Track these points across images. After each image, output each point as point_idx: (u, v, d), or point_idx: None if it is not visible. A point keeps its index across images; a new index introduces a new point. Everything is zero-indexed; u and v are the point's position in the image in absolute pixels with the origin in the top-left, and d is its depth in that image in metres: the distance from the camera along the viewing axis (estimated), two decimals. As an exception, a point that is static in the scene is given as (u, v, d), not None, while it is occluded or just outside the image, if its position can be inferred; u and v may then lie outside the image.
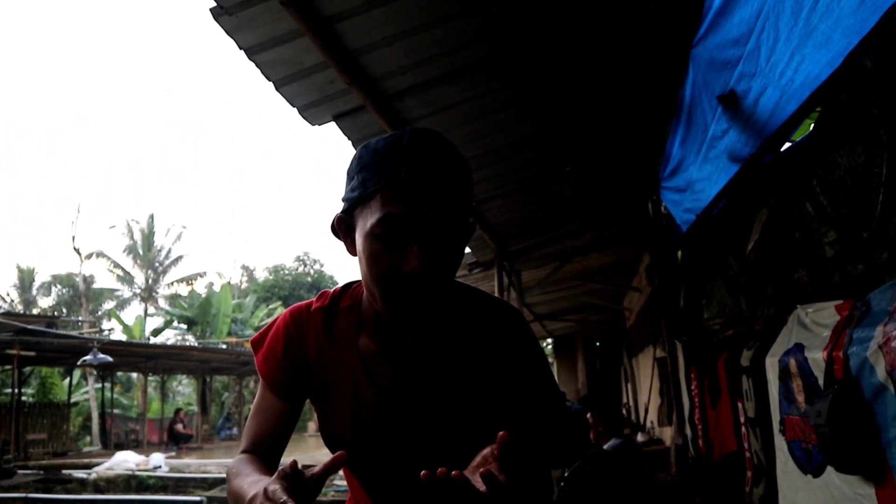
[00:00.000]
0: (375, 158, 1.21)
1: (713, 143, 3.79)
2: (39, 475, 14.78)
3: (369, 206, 1.20)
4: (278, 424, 1.41)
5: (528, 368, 1.38)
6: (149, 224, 38.55)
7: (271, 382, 1.41)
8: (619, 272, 11.72)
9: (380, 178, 1.18)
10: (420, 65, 3.89)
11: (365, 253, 1.21)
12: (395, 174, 1.17)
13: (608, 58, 4.34)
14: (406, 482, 1.35)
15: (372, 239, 1.19)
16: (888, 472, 2.05)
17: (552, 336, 20.52)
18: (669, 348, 6.69)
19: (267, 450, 1.39)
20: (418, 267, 1.16)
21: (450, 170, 1.21)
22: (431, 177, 1.18)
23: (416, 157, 1.18)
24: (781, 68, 2.76)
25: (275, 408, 1.41)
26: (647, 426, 11.97)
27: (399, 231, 1.17)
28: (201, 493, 12.83)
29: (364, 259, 1.22)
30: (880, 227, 2.34)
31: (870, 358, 2.09)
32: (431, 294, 1.21)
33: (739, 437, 4.11)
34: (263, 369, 1.42)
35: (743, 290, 4.17)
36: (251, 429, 1.42)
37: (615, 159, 6.20)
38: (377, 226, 1.18)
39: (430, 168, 1.18)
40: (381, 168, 1.19)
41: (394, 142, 1.21)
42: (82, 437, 24.89)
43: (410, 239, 1.17)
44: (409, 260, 1.16)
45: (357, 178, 1.24)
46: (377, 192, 1.18)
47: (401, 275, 1.18)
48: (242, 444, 1.42)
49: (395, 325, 1.31)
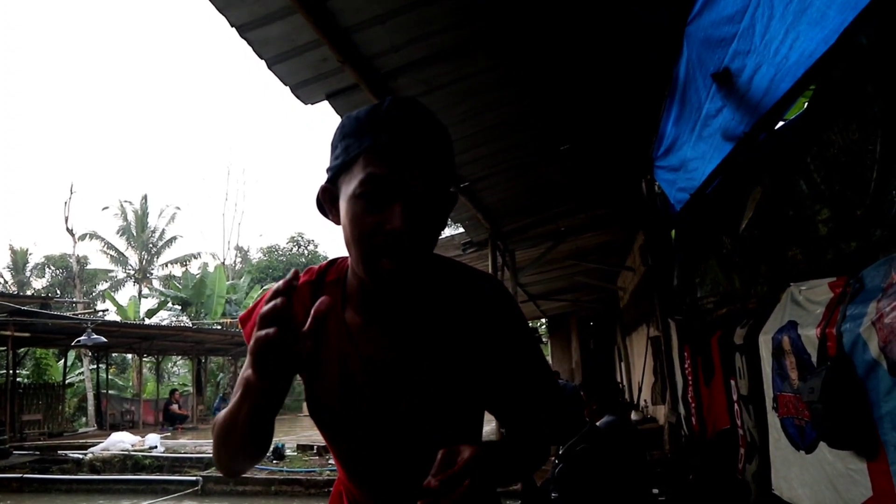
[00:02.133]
0: (357, 124, 1.22)
1: (707, 121, 3.79)
2: (35, 456, 14.82)
3: (352, 171, 1.20)
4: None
5: (513, 339, 1.38)
6: (142, 205, 38.44)
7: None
8: (613, 252, 11.74)
9: (361, 142, 1.19)
10: (413, 43, 3.86)
11: (348, 216, 1.21)
12: (377, 136, 1.18)
13: (602, 37, 4.32)
14: (392, 455, 1.36)
15: (354, 200, 1.19)
16: (880, 447, 2.06)
17: (546, 316, 20.58)
18: (663, 327, 6.71)
19: None
20: (401, 226, 1.15)
21: (431, 134, 1.21)
22: (412, 139, 1.18)
23: (397, 120, 1.19)
24: (776, 45, 2.75)
25: None
26: (641, 405, 12.04)
27: (382, 191, 1.17)
28: (197, 472, 12.90)
29: (347, 222, 1.21)
30: (874, 204, 2.34)
31: (863, 334, 2.10)
32: (413, 257, 1.20)
33: (733, 415, 4.13)
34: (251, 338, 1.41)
35: (737, 269, 4.18)
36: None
37: (609, 139, 6.19)
38: (359, 186, 1.18)
39: (410, 130, 1.19)
40: (363, 132, 1.20)
41: (374, 108, 1.23)
42: (78, 417, 24.92)
43: (394, 198, 1.17)
44: (392, 219, 1.15)
45: (340, 146, 1.24)
46: (359, 155, 1.19)
47: (383, 234, 1.17)
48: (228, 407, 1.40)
49: (378, 292, 1.30)
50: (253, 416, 1.14)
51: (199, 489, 12.36)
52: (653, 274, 6.78)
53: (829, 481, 2.51)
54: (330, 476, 10.78)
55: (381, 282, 1.21)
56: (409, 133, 1.18)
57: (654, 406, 10.87)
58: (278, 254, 44.31)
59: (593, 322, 19.57)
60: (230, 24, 3.33)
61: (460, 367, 1.33)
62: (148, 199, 39.21)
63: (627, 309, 13.50)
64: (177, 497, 12.13)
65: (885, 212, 2.27)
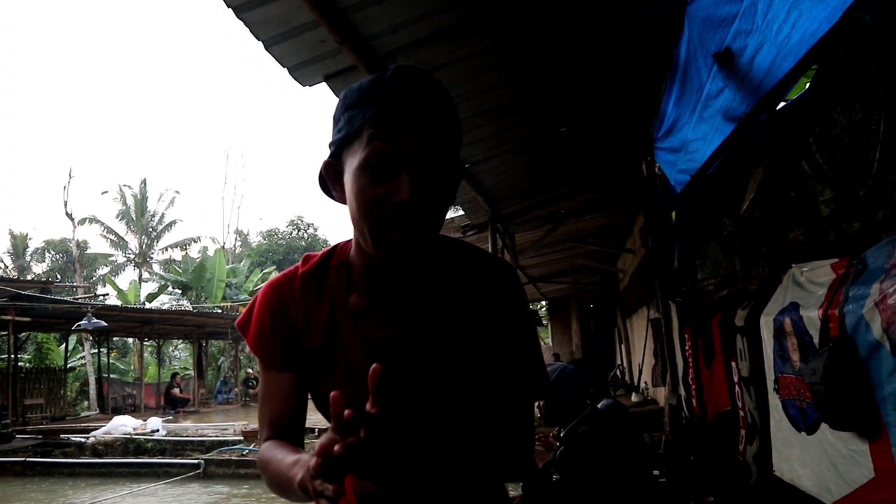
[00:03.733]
0: (360, 95, 1.18)
1: (708, 102, 3.76)
2: (38, 439, 14.91)
3: (357, 143, 1.17)
4: (291, 401, 1.37)
5: (514, 326, 1.35)
6: (141, 189, 38.45)
7: (269, 358, 1.37)
8: (613, 234, 11.73)
9: (365, 112, 1.15)
10: (412, 23, 3.82)
11: (353, 189, 1.17)
12: (381, 104, 1.14)
13: (602, 16, 4.28)
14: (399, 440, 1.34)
15: (360, 172, 1.15)
16: (882, 428, 2.06)
17: (546, 298, 20.60)
18: (663, 309, 6.71)
19: (288, 430, 1.35)
20: (408, 197, 1.11)
21: (437, 100, 1.17)
22: (418, 105, 1.15)
23: (402, 87, 1.15)
24: (778, 24, 2.72)
25: (281, 384, 1.36)
26: (642, 387, 12.08)
27: (388, 161, 1.13)
28: (198, 455, 12.96)
29: (353, 196, 1.18)
30: (877, 184, 2.33)
31: (866, 315, 2.09)
32: (421, 229, 1.17)
33: (733, 397, 4.13)
34: (257, 348, 1.38)
35: (737, 250, 4.17)
36: (266, 415, 1.37)
37: (609, 120, 6.16)
38: (364, 158, 1.14)
39: (416, 97, 1.15)
40: (367, 102, 1.16)
41: (377, 77, 1.18)
42: (80, 401, 25.03)
43: (400, 168, 1.13)
44: (399, 190, 1.12)
45: (343, 118, 1.20)
46: (363, 125, 1.15)
47: (390, 206, 1.13)
48: (262, 434, 1.37)
49: (384, 267, 1.27)
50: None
51: (200, 472, 12.43)
52: (653, 256, 6.76)
53: (830, 462, 2.51)
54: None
55: (389, 254, 1.18)
56: (414, 100, 1.15)
57: (655, 388, 10.90)
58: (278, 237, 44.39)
59: (593, 304, 19.59)
60: (227, 4, 3.29)
61: (466, 351, 1.30)
62: (147, 182, 39.33)
63: (628, 291, 13.50)
64: (179, 480, 12.18)
65: (888, 192, 2.26)
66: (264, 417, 1.38)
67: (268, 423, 1.36)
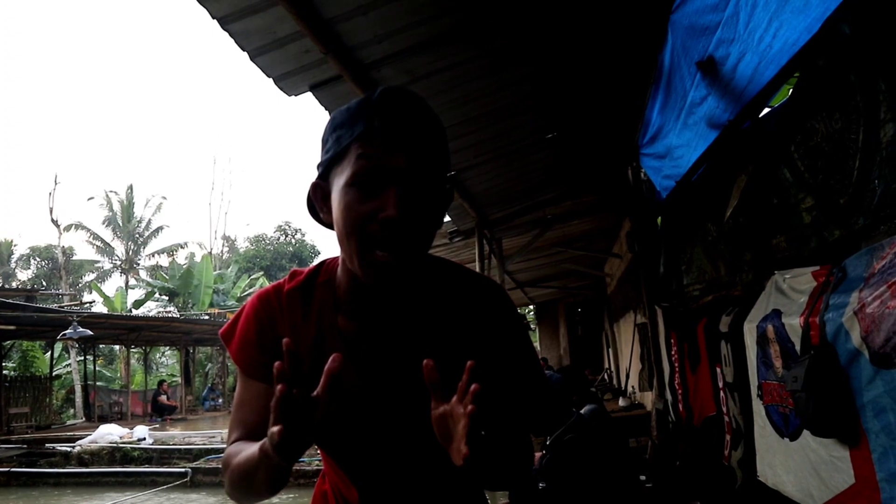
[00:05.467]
0: (348, 115, 1.19)
1: (692, 109, 3.79)
2: (23, 449, 14.76)
3: (345, 161, 1.17)
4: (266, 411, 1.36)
5: (511, 344, 1.35)
6: (128, 195, 38.18)
7: (250, 369, 1.35)
8: (600, 239, 11.77)
9: (353, 130, 1.16)
10: (396, 33, 3.83)
11: (340, 206, 1.16)
12: (370, 122, 1.14)
13: (586, 24, 4.30)
14: (387, 460, 1.34)
15: (347, 189, 1.15)
16: (862, 435, 2.08)
17: (534, 303, 20.63)
18: (650, 314, 6.74)
19: (259, 436, 1.28)
20: (395, 214, 1.10)
21: (424, 120, 1.18)
22: (406, 124, 1.15)
23: (389, 106, 1.16)
24: (760, 34, 2.76)
25: (258, 393, 1.34)
26: (629, 391, 12.10)
27: (376, 178, 1.13)
28: (186, 464, 12.89)
29: (339, 213, 1.17)
30: (856, 193, 2.35)
31: (845, 324, 2.11)
32: (408, 249, 1.15)
33: (718, 402, 4.16)
34: (239, 358, 1.37)
35: (722, 256, 4.20)
36: (238, 420, 1.35)
37: (595, 127, 6.19)
38: (352, 175, 1.14)
39: (404, 116, 1.15)
40: (355, 121, 1.16)
41: (365, 98, 1.19)
42: (66, 410, 24.79)
43: (387, 184, 1.13)
44: (387, 206, 1.11)
45: (331, 138, 1.20)
46: (351, 143, 1.15)
47: (377, 222, 1.12)
48: (231, 437, 1.35)
49: (371, 287, 1.24)
50: (272, 476, 1.16)
51: (188, 481, 12.35)
52: (639, 261, 6.80)
53: (812, 468, 2.53)
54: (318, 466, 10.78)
55: (375, 274, 1.16)
56: (402, 118, 1.15)
57: (642, 392, 10.92)
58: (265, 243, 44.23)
59: (581, 308, 19.61)
60: (211, 16, 3.30)
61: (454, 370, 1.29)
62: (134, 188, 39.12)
63: (615, 295, 13.54)
64: (166, 489, 12.11)
65: (867, 201, 2.28)
66: (236, 422, 1.36)
67: (240, 427, 1.35)
